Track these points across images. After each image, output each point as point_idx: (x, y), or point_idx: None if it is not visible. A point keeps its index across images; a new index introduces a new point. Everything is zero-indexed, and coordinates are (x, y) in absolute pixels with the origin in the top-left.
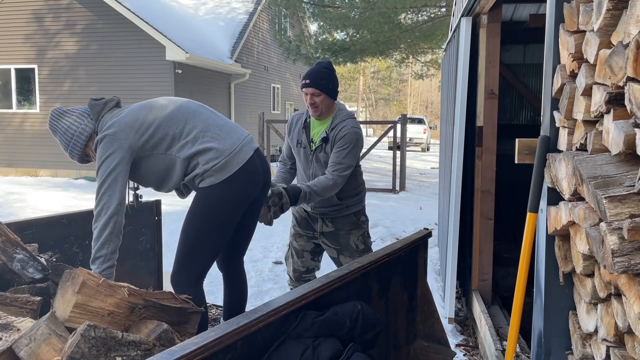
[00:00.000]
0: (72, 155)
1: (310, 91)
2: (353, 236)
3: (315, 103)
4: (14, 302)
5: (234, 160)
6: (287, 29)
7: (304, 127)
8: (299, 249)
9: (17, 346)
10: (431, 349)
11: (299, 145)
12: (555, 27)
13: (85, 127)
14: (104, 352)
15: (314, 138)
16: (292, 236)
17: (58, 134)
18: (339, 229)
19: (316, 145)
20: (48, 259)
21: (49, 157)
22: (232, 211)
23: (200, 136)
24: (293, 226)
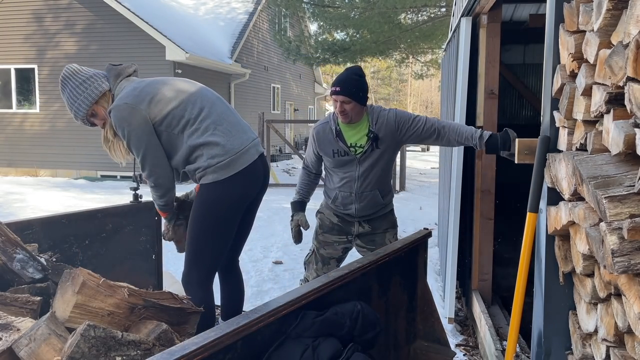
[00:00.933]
0: (78, 112)
1: (340, 99)
2: (389, 234)
3: (345, 111)
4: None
5: (239, 160)
6: (287, 29)
7: (337, 136)
8: (326, 256)
9: (17, 346)
10: (431, 349)
11: (336, 155)
12: (555, 27)
13: (101, 84)
14: (104, 351)
15: (354, 143)
16: (319, 243)
17: (68, 87)
18: (376, 228)
19: (364, 149)
20: (48, 259)
21: (49, 157)
22: (232, 209)
23: (211, 127)
24: (321, 233)
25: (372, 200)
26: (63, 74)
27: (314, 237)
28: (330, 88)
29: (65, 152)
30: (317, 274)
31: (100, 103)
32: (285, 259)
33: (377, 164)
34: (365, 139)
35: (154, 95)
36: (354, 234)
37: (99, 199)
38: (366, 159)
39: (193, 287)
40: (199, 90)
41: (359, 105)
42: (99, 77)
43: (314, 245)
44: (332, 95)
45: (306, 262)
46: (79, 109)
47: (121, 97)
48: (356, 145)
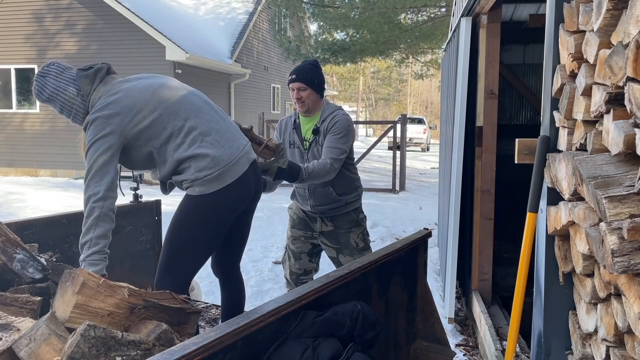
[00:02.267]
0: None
1: (296, 86)
2: (353, 234)
3: (301, 98)
4: (14, 302)
5: (228, 172)
6: (287, 29)
7: (294, 127)
8: (296, 251)
9: (17, 346)
10: (431, 349)
11: (292, 146)
12: (555, 27)
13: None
14: (104, 351)
15: (305, 136)
16: (289, 239)
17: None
18: (339, 227)
19: (309, 142)
20: (48, 259)
21: (49, 157)
22: (219, 223)
23: (198, 139)
24: (289, 229)
25: (326, 197)
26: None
27: (287, 234)
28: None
29: (65, 152)
30: (290, 270)
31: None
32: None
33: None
34: (311, 133)
35: (131, 107)
36: (317, 231)
37: None
38: (311, 152)
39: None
40: (184, 97)
41: (314, 93)
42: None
43: (286, 241)
44: (289, 85)
45: (282, 261)
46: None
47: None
48: (306, 138)
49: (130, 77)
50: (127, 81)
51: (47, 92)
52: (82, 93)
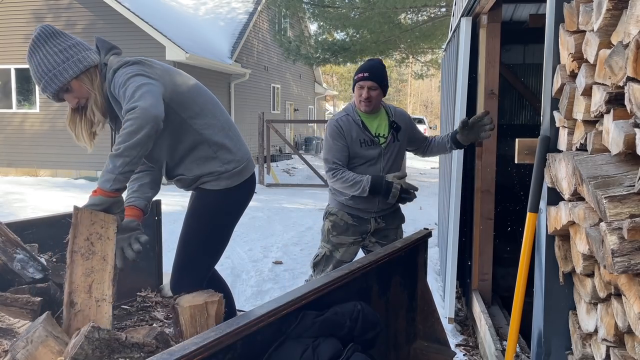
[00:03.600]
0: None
1: (368, 84)
2: (400, 230)
3: (370, 97)
4: (14, 303)
5: (247, 168)
6: (287, 29)
7: (363, 127)
8: (339, 258)
9: (14, 349)
10: (431, 349)
11: (364, 145)
12: (555, 27)
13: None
14: (107, 354)
15: (377, 133)
16: (334, 246)
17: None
18: (390, 224)
19: (387, 138)
20: (48, 259)
21: (49, 157)
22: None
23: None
24: (335, 235)
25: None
26: (36, 35)
27: (326, 240)
28: (356, 75)
29: (65, 152)
30: None
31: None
32: (285, 259)
33: (398, 154)
34: (388, 129)
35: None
36: (369, 232)
37: None
38: (389, 149)
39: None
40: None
41: (382, 93)
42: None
43: (325, 248)
44: (358, 82)
45: (315, 264)
46: (51, 81)
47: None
48: (379, 135)
49: None
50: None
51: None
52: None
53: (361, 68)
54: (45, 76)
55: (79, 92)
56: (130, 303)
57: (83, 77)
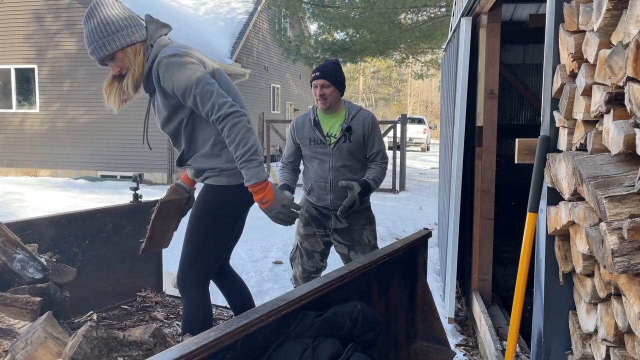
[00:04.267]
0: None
1: (320, 82)
2: (366, 231)
3: (324, 95)
4: (14, 303)
5: None
6: (287, 29)
7: (314, 124)
8: (310, 249)
9: (13, 349)
10: (431, 349)
11: (312, 143)
12: (555, 27)
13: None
14: (106, 352)
15: (329, 132)
16: (302, 237)
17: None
18: (353, 224)
19: (337, 138)
20: (48, 259)
21: (49, 157)
22: (238, 213)
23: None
24: (301, 227)
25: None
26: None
27: (296, 232)
28: (311, 76)
29: (65, 152)
30: (302, 267)
31: (126, 51)
32: (285, 259)
33: (350, 156)
34: (339, 130)
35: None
36: (331, 228)
37: (99, 199)
38: (338, 149)
39: (190, 290)
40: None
41: (337, 90)
42: (135, 21)
43: (296, 240)
44: (312, 82)
45: (292, 259)
46: (99, 48)
47: (175, 47)
48: (330, 135)
49: None
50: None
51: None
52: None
53: (315, 69)
54: (95, 42)
55: (122, 62)
56: (130, 303)
57: (128, 49)
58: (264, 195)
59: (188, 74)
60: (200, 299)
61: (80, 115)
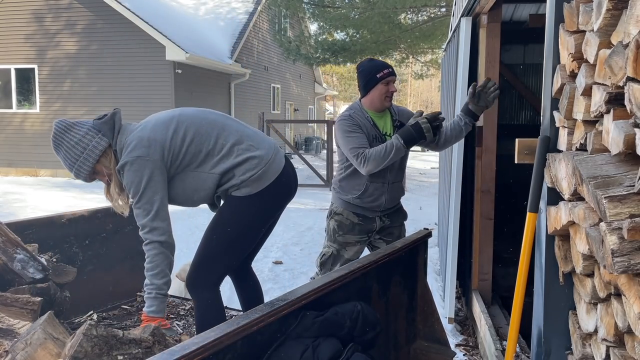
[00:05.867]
0: (79, 173)
1: (394, 79)
2: (404, 227)
3: (393, 93)
4: (14, 303)
5: (270, 169)
6: (287, 29)
7: (373, 123)
8: (346, 257)
9: (13, 350)
10: (431, 349)
11: (375, 141)
12: (555, 27)
13: (100, 141)
14: (106, 350)
15: (385, 130)
16: (340, 245)
17: (63, 149)
18: (394, 221)
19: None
20: (48, 259)
21: (49, 157)
22: (264, 221)
23: (235, 150)
24: (341, 235)
25: (399, 191)
26: (54, 132)
27: (332, 240)
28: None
29: None
30: None
31: (101, 162)
32: (285, 259)
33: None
34: (392, 128)
35: (164, 142)
36: (375, 230)
37: (99, 199)
38: None
39: (198, 290)
40: (205, 118)
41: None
42: (94, 133)
43: (332, 247)
44: (386, 78)
45: (322, 264)
46: (79, 170)
47: (131, 151)
48: (386, 133)
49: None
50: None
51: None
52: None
53: (381, 65)
54: (73, 169)
55: (104, 171)
56: (130, 303)
57: (102, 160)
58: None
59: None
60: (208, 297)
61: (80, 116)
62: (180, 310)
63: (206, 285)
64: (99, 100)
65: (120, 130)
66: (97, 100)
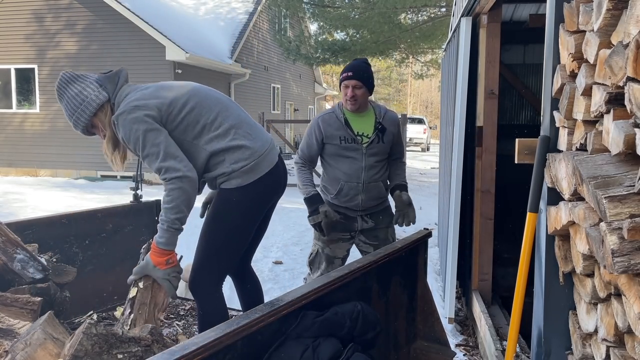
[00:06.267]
0: (77, 124)
1: (352, 83)
2: (390, 229)
3: (355, 96)
4: (14, 303)
5: (263, 162)
6: (287, 29)
7: (345, 123)
8: (331, 255)
9: (13, 350)
10: (431, 349)
11: (343, 142)
12: (555, 27)
13: (99, 95)
14: (106, 349)
15: (360, 132)
16: (324, 242)
17: (65, 99)
18: (379, 223)
19: (370, 138)
20: (48, 259)
21: (49, 157)
22: (253, 214)
23: (231, 132)
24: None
25: (378, 191)
26: (58, 82)
27: (317, 237)
28: (342, 75)
29: (65, 152)
30: (321, 273)
31: (98, 116)
32: (285, 259)
33: (382, 155)
34: (372, 129)
35: (164, 100)
36: (357, 230)
37: (99, 199)
38: (372, 149)
39: (202, 292)
40: (211, 94)
41: (367, 92)
42: (95, 86)
43: (317, 245)
44: (343, 82)
45: (310, 263)
46: (77, 121)
47: (128, 103)
48: (362, 134)
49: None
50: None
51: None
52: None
53: (346, 68)
54: (71, 119)
55: (101, 126)
56: None
57: (99, 114)
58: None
59: (135, 135)
60: (213, 301)
61: None
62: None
63: (208, 287)
64: None
65: (122, 87)
66: None
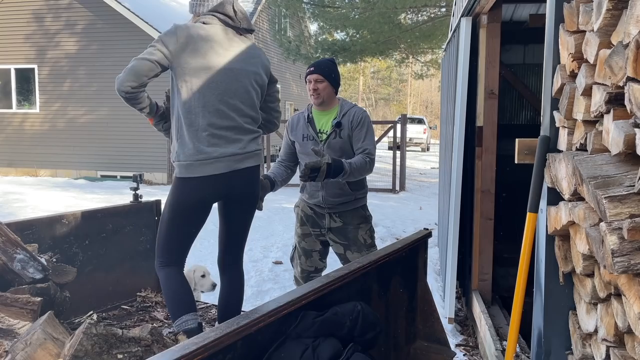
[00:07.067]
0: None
1: (314, 77)
2: (362, 230)
3: (317, 89)
4: (14, 303)
5: (198, 167)
6: (287, 29)
7: (308, 121)
8: (307, 248)
9: (13, 350)
10: (431, 349)
11: (305, 139)
12: (555, 27)
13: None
14: (106, 349)
15: (321, 129)
16: (299, 236)
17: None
18: (348, 223)
19: (328, 134)
20: (48, 259)
21: (49, 157)
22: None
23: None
24: (298, 226)
25: (339, 189)
26: None
27: (295, 232)
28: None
29: (65, 152)
30: (301, 268)
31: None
32: (285, 259)
33: (342, 153)
34: (330, 126)
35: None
36: (325, 227)
37: (99, 199)
38: (329, 145)
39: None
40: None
41: (330, 86)
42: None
43: (294, 240)
44: (306, 77)
45: (291, 259)
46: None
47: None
48: (322, 131)
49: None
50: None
51: None
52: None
53: (309, 65)
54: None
55: None
56: (130, 303)
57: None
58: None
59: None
60: (165, 279)
61: (80, 115)
62: None
63: (158, 266)
64: (98, 100)
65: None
66: (97, 100)
